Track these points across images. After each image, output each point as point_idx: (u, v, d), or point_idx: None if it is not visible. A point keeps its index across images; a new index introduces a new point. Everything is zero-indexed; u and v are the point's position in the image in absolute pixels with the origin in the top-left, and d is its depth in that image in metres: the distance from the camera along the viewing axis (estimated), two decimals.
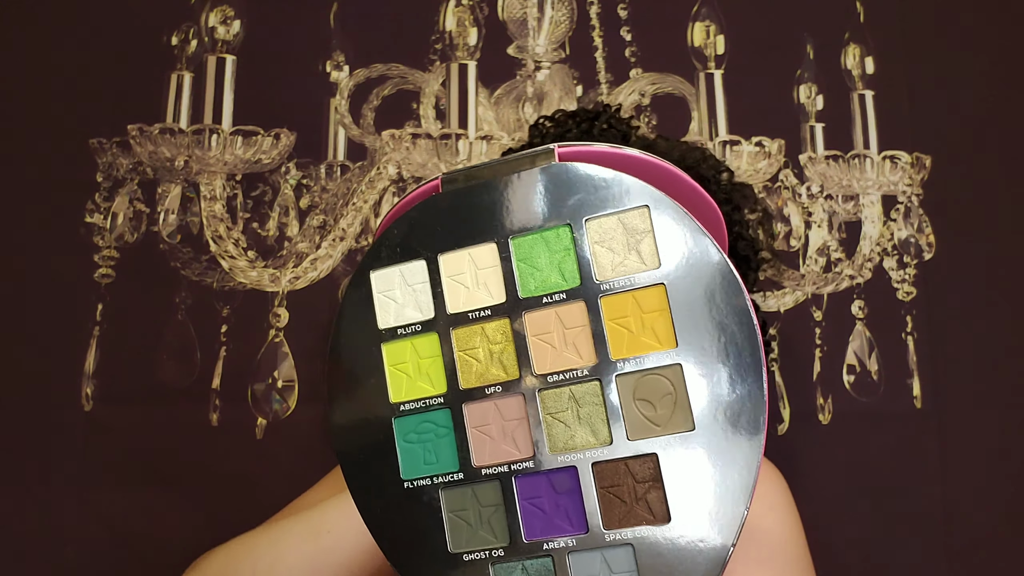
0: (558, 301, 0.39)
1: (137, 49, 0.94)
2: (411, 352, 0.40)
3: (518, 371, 0.39)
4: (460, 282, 0.40)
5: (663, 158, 0.73)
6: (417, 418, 0.40)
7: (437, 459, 0.40)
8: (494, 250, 0.40)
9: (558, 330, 0.39)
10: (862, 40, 0.96)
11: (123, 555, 0.85)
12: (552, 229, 0.39)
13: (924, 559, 0.86)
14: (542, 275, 0.39)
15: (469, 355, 0.40)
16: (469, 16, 0.96)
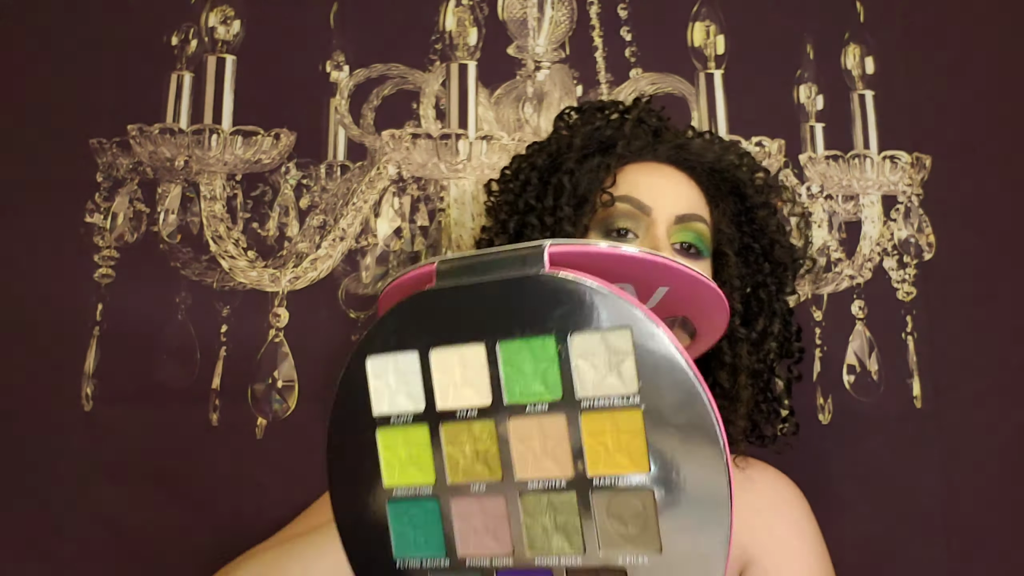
0: (540, 412, 0.40)
1: (137, 49, 0.94)
2: (403, 439, 0.42)
3: (501, 473, 0.41)
4: (449, 378, 0.41)
5: (698, 157, 0.73)
6: (407, 503, 0.42)
7: (426, 542, 0.42)
8: (482, 352, 0.41)
9: (539, 438, 0.40)
10: (862, 40, 0.96)
11: (123, 554, 0.85)
12: (538, 338, 0.40)
13: (924, 558, 0.86)
14: (526, 381, 0.40)
15: (456, 450, 0.42)
16: (469, 16, 0.96)
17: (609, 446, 0.39)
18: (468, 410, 0.41)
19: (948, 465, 0.87)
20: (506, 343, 0.40)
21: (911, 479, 0.87)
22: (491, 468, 0.41)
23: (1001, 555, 0.86)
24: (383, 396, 0.42)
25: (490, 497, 0.41)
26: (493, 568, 0.41)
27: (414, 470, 0.42)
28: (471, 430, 0.41)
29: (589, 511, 0.39)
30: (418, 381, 0.42)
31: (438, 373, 0.42)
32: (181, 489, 0.86)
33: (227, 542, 0.85)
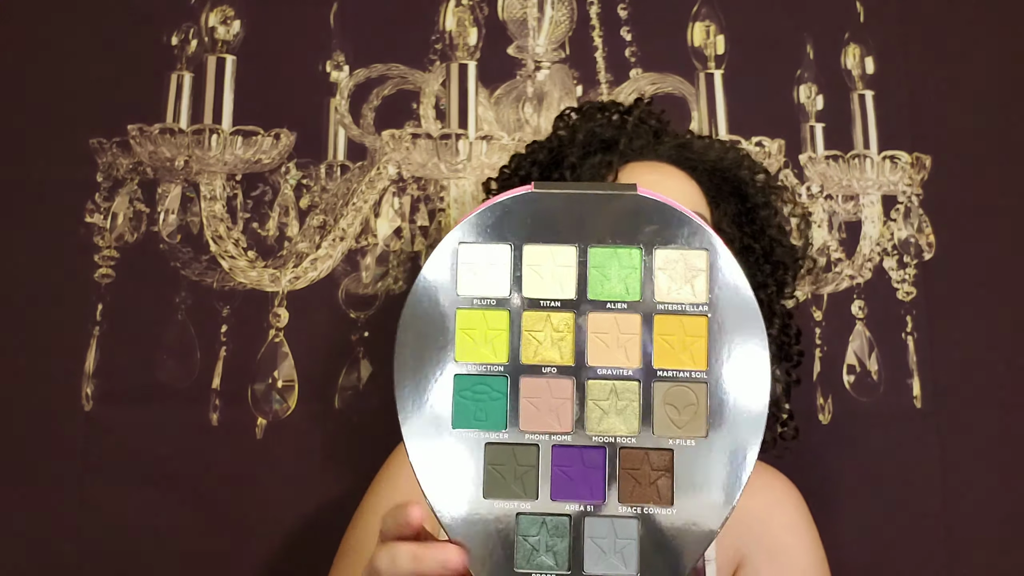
0: (620, 309, 0.46)
1: (137, 49, 0.94)
2: (481, 321, 0.46)
3: (573, 359, 0.46)
4: (538, 272, 0.46)
5: (699, 157, 0.73)
6: (475, 379, 0.46)
7: (487, 417, 0.46)
8: (573, 253, 0.46)
9: (614, 333, 0.46)
10: (862, 40, 0.96)
11: (123, 554, 0.85)
12: (626, 248, 0.46)
13: (924, 558, 0.86)
14: (610, 284, 0.46)
15: (533, 336, 0.46)
16: (469, 16, 0.96)
17: (675, 345, 0.46)
18: (552, 300, 0.46)
19: (947, 465, 0.87)
20: (596, 248, 0.46)
21: (910, 479, 0.87)
22: (564, 354, 0.46)
23: (1000, 555, 0.86)
24: (469, 280, 0.46)
25: (559, 379, 0.46)
26: (551, 443, 0.45)
27: (487, 350, 0.46)
28: (550, 319, 0.46)
29: (649, 398, 0.45)
30: (507, 271, 0.46)
31: (528, 266, 0.46)
32: (181, 489, 0.86)
33: (227, 542, 0.85)
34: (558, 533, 0.45)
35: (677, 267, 0.46)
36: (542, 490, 0.45)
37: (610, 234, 0.46)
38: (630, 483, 0.45)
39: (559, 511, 0.45)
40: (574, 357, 0.46)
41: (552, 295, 0.46)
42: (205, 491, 0.86)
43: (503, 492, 0.45)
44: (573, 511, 0.45)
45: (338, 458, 0.87)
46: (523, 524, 0.45)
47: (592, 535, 0.45)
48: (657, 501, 0.45)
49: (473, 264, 0.46)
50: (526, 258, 0.46)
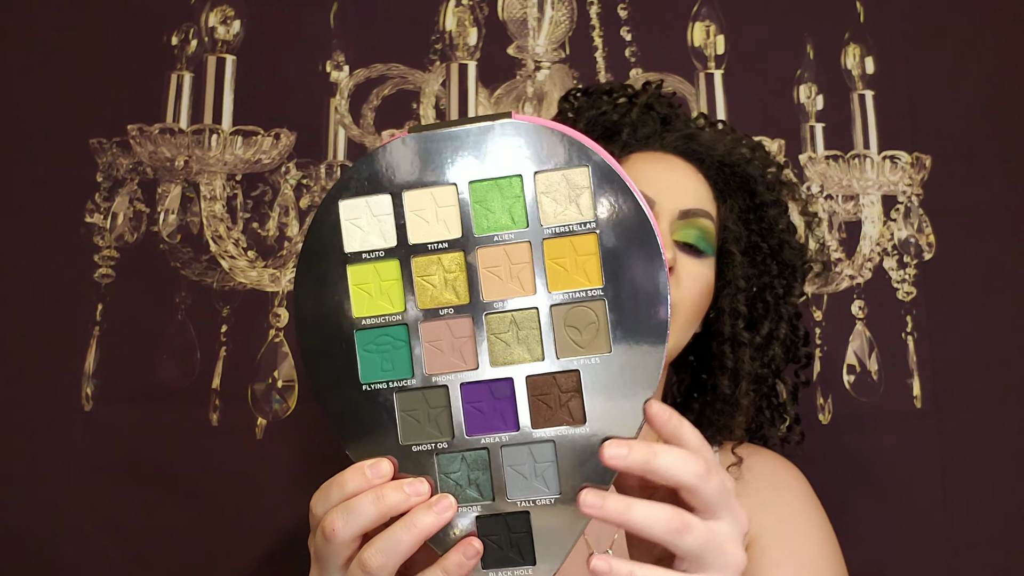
0: (507, 240, 0.46)
1: (137, 49, 0.94)
2: (373, 274, 0.46)
3: (468, 297, 0.46)
4: (421, 216, 0.46)
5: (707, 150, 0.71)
6: (376, 331, 0.46)
7: (393, 367, 0.46)
8: (453, 191, 0.46)
9: (505, 264, 0.46)
10: (862, 40, 0.96)
11: (123, 554, 0.85)
12: (505, 178, 0.46)
13: (924, 558, 0.86)
14: (495, 216, 0.46)
15: (426, 280, 0.46)
16: (469, 16, 0.96)
17: (568, 267, 0.46)
18: (439, 243, 0.46)
19: (947, 464, 0.87)
20: (476, 183, 0.46)
21: (911, 478, 0.87)
22: (459, 294, 0.46)
23: (1000, 554, 0.86)
24: (355, 236, 0.46)
25: (457, 319, 0.46)
26: (459, 382, 0.46)
27: (383, 301, 0.46)
28: (441, 261, 0.46)
29: (549, 323, 0.46)
30: (391, 221, 0.46)
31: (410, 212, 0.46)
32: (181, 489, 0.86)
33: (227, 542, 0.85)
34: (478, 466, 0.46)
35: (560, 188, 0.46)
36: (457, 428, 0.46)
37: (488, 166, 0.46)
38: (541, 408, 0.46)
39: (476, 445, 0.46)
40: (469, 295, 0.46)
41: (438, 237, 0.46)
42: (205, 491, 0.86)
43: (420, 435, 0.46)
44: (490, 443, 0.46)
45: (338, 458, 0.87)
46: (443, 462, 0.46)
47: (512, 464, 0.46)
48: (570, 422, 0.46)
49: (356, 219, 0.46)
50: (407, 204, 0.46)
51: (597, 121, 0.74)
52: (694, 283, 0.67)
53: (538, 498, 0.46)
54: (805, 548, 0.67)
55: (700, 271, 0.67)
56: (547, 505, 0.46)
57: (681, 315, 0.66)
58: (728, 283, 0.70)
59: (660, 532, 0.42)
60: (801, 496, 0.71)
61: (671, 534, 0.42)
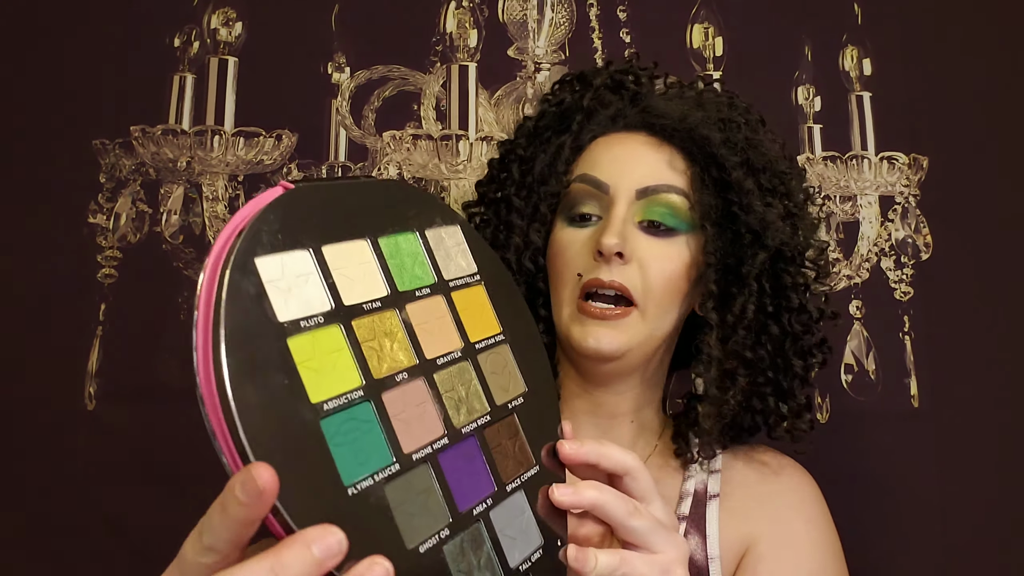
0: (425, 295, 0.45)
1: (140, 51, 0.94)
2: (315, 346, 0.38)
3: (415, 357, 0.43)
4: (346, 274, 0.41)
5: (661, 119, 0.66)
6: (341, 416, 0.37)
7: (369, 456, 0.38)
8: (366, 247, 0.43)
9: (431, 319, 0.45)
10: (860, 42, 0.97)
11: (125, 553, 0.85)
12: (403, 233, 0.45)
13: (921, 557, 0.87)
14: (408, 272, 0.44)
15: (372, 344, 0.41)
16: (469, 18, 0.97)
17: (474, 316, 0.47)
18: (372, 301, 0.42)
19: (945, 463, 0.87)
20: (383, 238, 0.44)
21: (908, 477, 0.87)
22: (405, 355, 0.42)
23: (997, 553, 0.86)
24: (282, 300, 0.37)
25: (411, 383, 0.42)
26: (436, 453, 0.41)
27: (337, 376, 0.38)
28: (380, 321, 0.42)
29: (481, 372, 0.46)
30: (317, 280, 0.39)
31: (336, 269, 0.40)
32: (183, 487, 0.86)
33: None
34: (476, 544, 0.41)
35: (446, 244, 0.47)
36: (450, 506, 0.40)
37: (388, 222, 0.44)
38: (501, 460, 0.44)
39: (471, 520, 0.41)
40: (414, 355, 0.42)
41: (369, 295, 0.42)
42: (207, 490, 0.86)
43: (421, 530, 0.38)
44: (481, 511, 0.42)
45: None
46: (450, 556, 0.39)
47: (500, 528, 0.43)
48: (525, 465, 0.45)
49: (277, 281, 0.37)
50: (330, 260, 0.40)
51: (553, 114, 0.71)
52: (660, 265, 0.62)
53: (532, 554, 0.44)
54: (805, 561, 0.64)
55: (668, 251, 0.63)
56: (539, 558, 0.44)
57: (650, 302, 0.62)
58: (702, 260, 0.64)
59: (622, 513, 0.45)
60: (808, 504, 0.68)
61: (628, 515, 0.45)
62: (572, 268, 0.64)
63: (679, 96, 0.70)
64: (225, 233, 0.37)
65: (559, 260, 0.66)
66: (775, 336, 0.66)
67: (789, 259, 0.66)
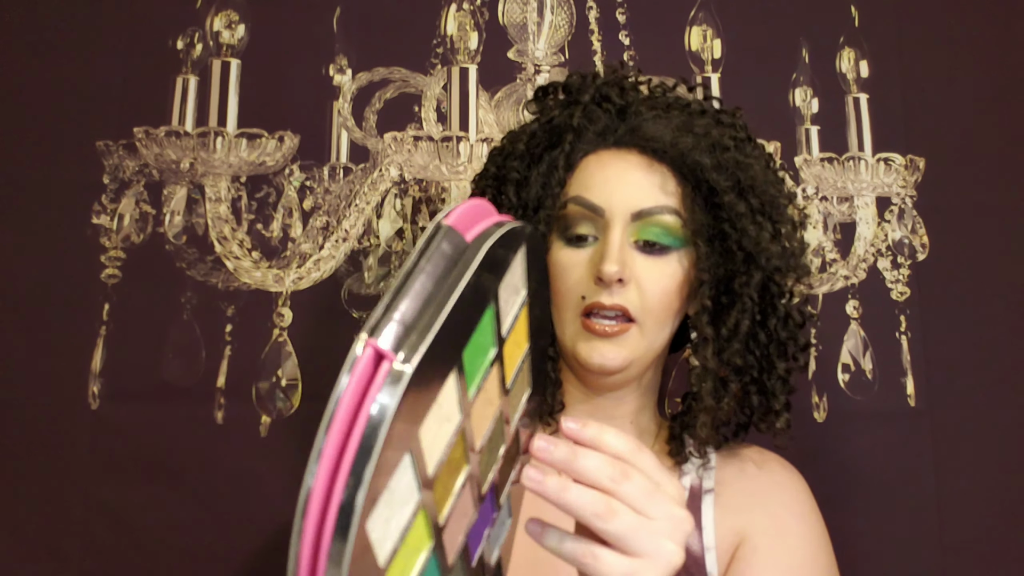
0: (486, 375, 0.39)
1: (143, 53, 0.95)
2: (404, 549, 0.35)
3: (466, 459, 0.39)
4: (431, 440, 0.35)
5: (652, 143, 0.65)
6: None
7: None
8: (453, 380, 0.36)
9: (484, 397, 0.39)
10: (857, 44, 0.97)
11: (129, 551, 0.86)
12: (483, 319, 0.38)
13: (918, 555, 0.87)
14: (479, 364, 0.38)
15: (439, 493, 0.36)
16: (470, 20, 0.97)
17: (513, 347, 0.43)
18: (447, 447, 0.37)
19: (941, 462, 0.88)
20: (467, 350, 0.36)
21: (904, 476, 0.88)
22: (457, 466, 0.38)
23: (994, 552, 0.87)
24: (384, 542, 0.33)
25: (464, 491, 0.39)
26: (468, 537, 0.41)
27: (414, 557, 0.35)
28: (451, 461, 0.37)
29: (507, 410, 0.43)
30: (412, 483, 0.34)
31: (427, 450, 0.35)
32: (186, 486, 0.87)
33: (231, 538, 0.86)
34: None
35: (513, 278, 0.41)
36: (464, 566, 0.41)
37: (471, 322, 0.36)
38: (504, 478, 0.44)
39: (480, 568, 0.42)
40: (465, 456, 0.39)
41: (445, 442, 0.36)
42: (210, 488, 0.87)
43: None
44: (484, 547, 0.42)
45: None
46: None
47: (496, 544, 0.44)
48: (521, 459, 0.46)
49: (382, 525, 0.32)
50: (424, 444, 0.34)
51: (544, 129, 0.70)
52: (657, 283, 0.64)
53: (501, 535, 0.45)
54: (796, 552, 0.66)
55: (664, 269, 0.65)
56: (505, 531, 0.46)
57: (648, 318, 0.64)
58: (695, 276, 0.66)
59: (588, 514, 0.42)
60: (797, 499, 0.70)
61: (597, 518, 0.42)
62: (575, 292, 0.65)
63: (666, 114, 0.70)
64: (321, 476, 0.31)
65: (561, 282, 0.67)
66: (762, 343, 0.69)
67: (779, 273, 0.67)
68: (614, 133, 0.68)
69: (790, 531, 0.67)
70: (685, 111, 0.70)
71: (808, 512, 0.69)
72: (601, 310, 0.64)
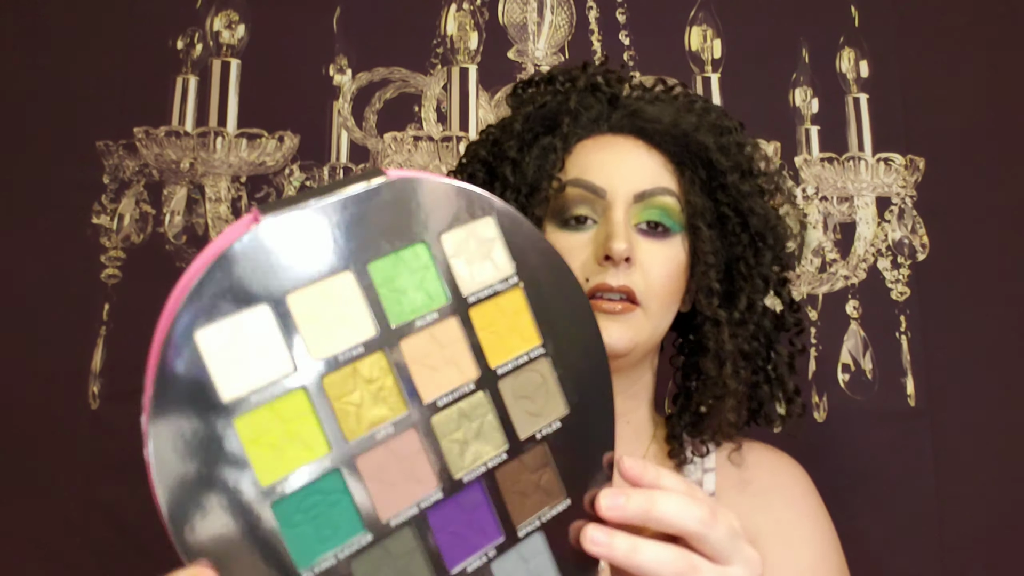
0: (431, 321, 0.38)
1: (143, 53, 0.95)
2: (272, 419, 0.34)
3: (405, 405, 0.37)
4: (319, 323, 0.35)
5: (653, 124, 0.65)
6: (301, 494, 0.34)
7: (335, 530, 0.35)
8: (351, 279, 0.36)
9: (435, 351, 0.38)
10: (857, 44, 0.97)
11: (129, 551, 0.86)
12: (407, 248, 0.37)
13: (918, 555, 0.87)
14: (408, 297, 0.37)
15: (346, 402, 0.35)
16: (470, 20, 0.97)
17: (501, 332, 0.39)
18: (353, 348, 0.36)
19: (941, 462, 0.88)
20: (375, 263, 0.36)
21: (904, 476, 0.88)
22: (392, 405, 0.36)
23: (994, 552, 0.87)
24: (230, 375, 0.33)
25: (399, 436, 0.36)
26: (423, 512, 0.37)
27: (297, 450, 0.34)
28: (358, 372, 0.36)
29: (501, 402, 0.39)
30: (277, 338, 0.34)
31: (303, 320, 0.35)
32: None
33: None
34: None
35: (469, 246, 0.38)
36: (437, 568, 0.37)
37: (381, 239, 0.36)
38: (517, 501, 0.38)
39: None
40: (405, 401, 0.37)
41: (348, 343, 0.36)
42: None
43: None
44: (479, 566, 0.37)
45: None
46: None
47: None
48: (549, 501, 0.39)
49: (224, 350, 0.33)
50: (295, 310, 0.34)
51: (534, 116, 0.68)
52: (661, 266, 0.63)
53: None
54: (804, 554, 0.65)
55: (667, 252, 0.64)
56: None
57: (653, 302, 0.63)
58: (699, 260, 0.65)
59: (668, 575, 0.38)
60: (803, 498, 0.69)
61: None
62: (579, 276, 0.63)
63: (661, 100, 0.70)
64: (172, 297, 0.33)
65: None
66: (767, 329, 0.69)
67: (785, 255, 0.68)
68: (608, 120, 0.68)
69: (796, 533, 0.66)
70: (678, 98, 0.71)
71: (814, 511, 0.68)
72: (607, 292, 0.62)
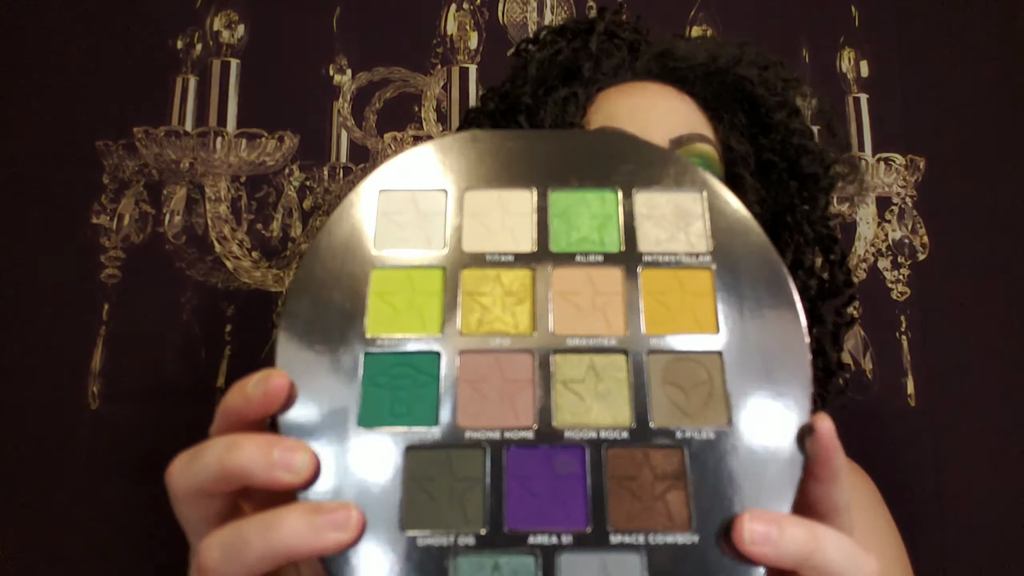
0: (593, 263, 0.35)
1: (143, 53, 0.95)
2: (406, 284, 0.35)
3: (532, 326, 0.34)
4: (483, 222, 0.36)
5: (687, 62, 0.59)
6: (393, 359, 0.33)
7: (408, 410, 0.33)
8: (529, 197, 0.37)
9: (587, 292, 0.35)
10: (857, 44, 0.97)
11: (129, 552, 0.86)
12: (596, 191, 0.37)
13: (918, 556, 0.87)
14: (579, 233, 0.36)
15: (477, 299, 0.34)
16: (470, 20, 0.97)
17: (672, 306, 0.34)
18: (502, 254, 0.35)
19: (941, 463, 0.88)
20: (559, 193, 0.37)
21: (905, 477, 0.88)
22: (519, 321, 0.34)
23: (994, 552, 0.87)
24: (391, 234, 0.35)
25: (513, 355, 0.33)
26: (504, 443, 0.32)
27: (412, 320, 0.34)
28: (500, 278, 0.35)
29: (642, 377, 0.33)
30: (441, 221, 0.36)
31: (470, 215, 0.36)
32: None
33: None
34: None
35: (665, 213, 0.36)
36: (493, 515, 0.31)
37: (576, 175, 0.37)
38: (625, 499, 0.31)
39: (520, 546, 0.30)
40: (534, 324, 0.34)
41: (502, 248, 0.36)
42: None
43: (432, 520, 0.31)
44: (543, 544, 0.30)
45: None
46: (463, 569, 0.30)
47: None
48: (668, 525, 0.31)
49: (397, 215, 0.36)
50: (468, 206, 0.36)
51: (553, 62, 0.62)
52: None
53: None
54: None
55: None
56: None
57: None
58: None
59: None
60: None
61: None
62: None
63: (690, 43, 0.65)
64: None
65: None
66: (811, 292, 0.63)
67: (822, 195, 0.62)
68: (632, 67, 0.62)
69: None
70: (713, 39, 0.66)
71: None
72: None
